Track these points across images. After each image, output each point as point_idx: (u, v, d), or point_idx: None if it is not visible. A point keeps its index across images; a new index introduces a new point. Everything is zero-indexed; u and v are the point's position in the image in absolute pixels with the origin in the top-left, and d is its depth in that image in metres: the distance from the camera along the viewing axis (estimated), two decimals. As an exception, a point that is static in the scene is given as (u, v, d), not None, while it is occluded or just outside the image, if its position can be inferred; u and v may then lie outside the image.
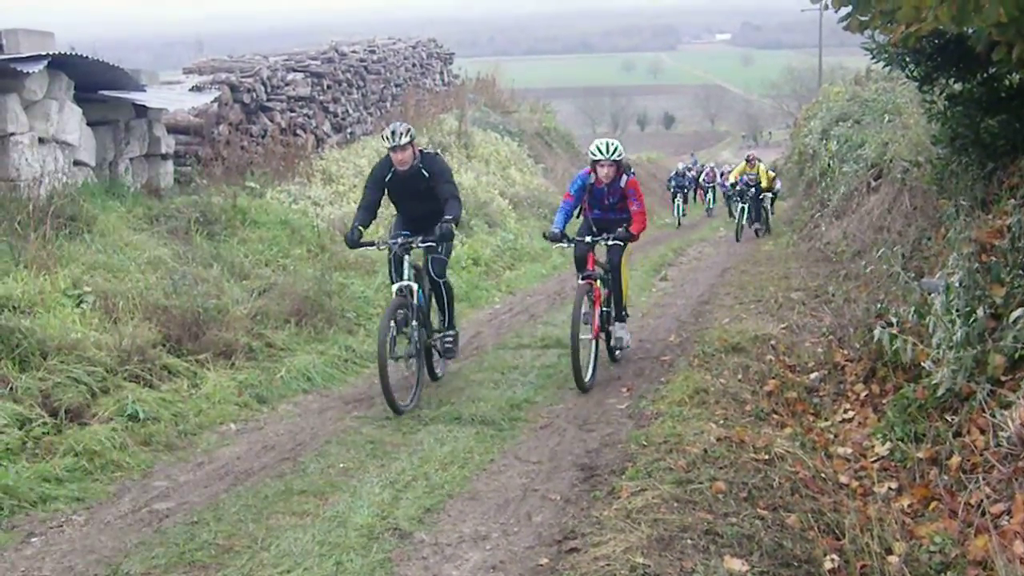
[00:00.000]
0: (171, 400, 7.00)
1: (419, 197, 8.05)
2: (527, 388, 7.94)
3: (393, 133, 7.78)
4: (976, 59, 7.84)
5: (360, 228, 7.89)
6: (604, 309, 8.36)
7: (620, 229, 8.20)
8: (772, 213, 22.60)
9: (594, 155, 8.29)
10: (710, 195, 32.25)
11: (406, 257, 7.74)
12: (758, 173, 21.97)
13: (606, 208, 8.62)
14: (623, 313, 8.70)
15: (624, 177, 8.40)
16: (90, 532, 5.04)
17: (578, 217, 8.82)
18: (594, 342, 8.07)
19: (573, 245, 8.38)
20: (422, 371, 7.76)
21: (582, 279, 8.09)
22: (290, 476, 5.80)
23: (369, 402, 7.62)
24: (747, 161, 22.52)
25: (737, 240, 21.05)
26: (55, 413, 6.23)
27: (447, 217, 7.63)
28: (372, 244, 7.93)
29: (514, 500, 5.38)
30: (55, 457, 5.78)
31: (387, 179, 8.03)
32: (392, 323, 7.32)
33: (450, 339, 8.43)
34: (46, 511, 5.27)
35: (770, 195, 22.58)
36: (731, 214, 25.31)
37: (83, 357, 6.86)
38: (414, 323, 7.58)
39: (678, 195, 28.47)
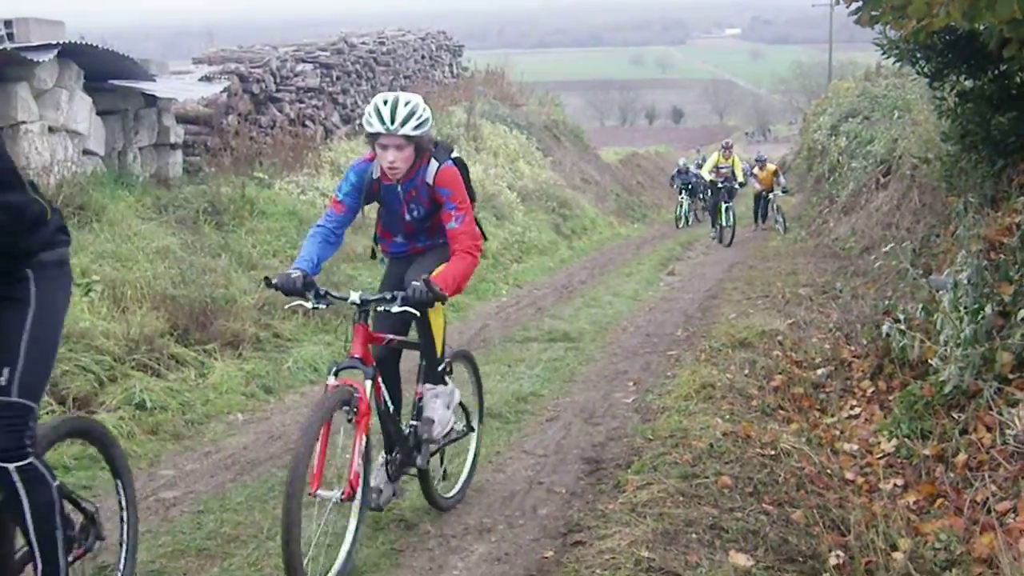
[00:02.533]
0: (178, 390, 7.01)
1: None
2: (533, 381, 7.94)
3: None
4: (987, 56, 7.82)
5: None
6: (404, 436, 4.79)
7: (417, 283, 4.27)
8: (779, 211, 22.15)
9: (369, 124, 4.43)
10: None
11: None
12: (732, 165, 20.55)
13: (411, 231, 4.85)
14: (440, 370, 4.89)
15: (432, 165, 4.63)
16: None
17: (376, 256, 5.26)
18: (356, 508, 4.32)
19: (329, 306, 4.42)
20: None
21: (334, 373, 4.22)
22: (296, 466, 5.80)
23: (376, 393, 7.62)
24: (723, 148, 21.14)
25: (725, 243, 19.37)
26: (63, 401, 6.25)
27: None
28: None
29: (519, 493, 5.39)
30: (62, 446, 5.78)
31: None
32: None
33: None
34: (53, 499, 5.28)
35: (780, 192, 22.27)
36: (709, 213, 22.79)
37: (91, 346, 6.88)
38: None
39: (683, 193, 25.82)
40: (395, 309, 4.32)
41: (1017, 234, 6.32)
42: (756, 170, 22.75)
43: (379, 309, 4.44)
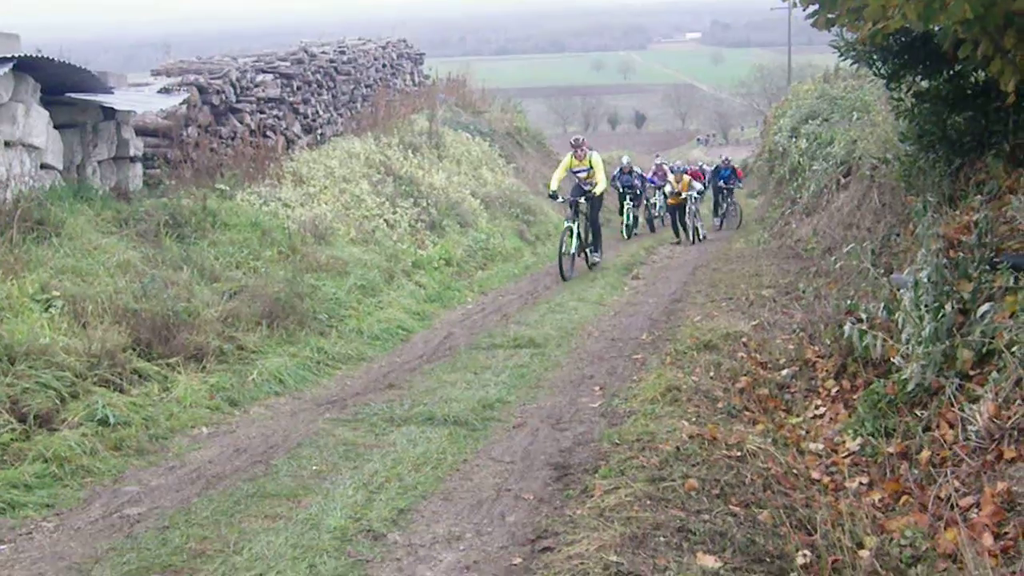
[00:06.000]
0: (142, 404, 6.94)
1: None
2: (500, 388, 7.92)
3: None
4: (942, 56, 7.93)
5: None
6: None
7: None
8: (696, 218, 22.21)
9: None
10: (656, 198, 26.59)
11: None
12: (590, 167, 15.19)
13: None
14: None
15: None
16: (60, 539, 4.99)
17: None
18: None
19: None
20: None
21: None
22: (262, 479, 5.77)
23: (341, 404, 7.58)
24: (573, 147, 15.50)
25: (563, 278, 14.27)
26: (24, 419, 6.17)
27: None
28: None
29: (487, 500, 5.38)
30: (24, 463, 5.72)
31: None
32: None
33: None
34: (15, 518, 5.22)
35: (695, 195, 22.29)
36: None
37: (52, 362, 6.79)
38: None
39: (627, 197, 22.83)
40: None
41: (975, 232, 6.40)
42: (671, 178, 22.97)
43: None
